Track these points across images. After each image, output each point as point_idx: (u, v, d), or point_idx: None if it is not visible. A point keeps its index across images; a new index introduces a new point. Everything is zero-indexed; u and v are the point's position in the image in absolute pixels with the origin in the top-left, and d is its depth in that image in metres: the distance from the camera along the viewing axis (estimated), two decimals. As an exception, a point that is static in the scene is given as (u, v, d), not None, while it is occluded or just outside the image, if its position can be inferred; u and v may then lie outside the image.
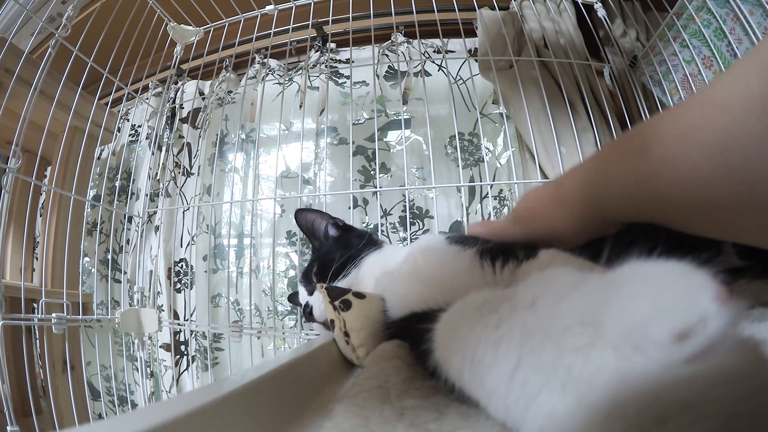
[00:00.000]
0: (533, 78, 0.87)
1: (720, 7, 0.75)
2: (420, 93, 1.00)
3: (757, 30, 0.69)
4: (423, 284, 0.32)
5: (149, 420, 0.11)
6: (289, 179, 1.09)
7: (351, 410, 0.16)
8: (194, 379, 1.02)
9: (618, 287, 0.10)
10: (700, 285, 0.09)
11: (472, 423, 0.14)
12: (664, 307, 0.09)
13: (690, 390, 0.08)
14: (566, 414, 0.09)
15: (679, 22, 0.84)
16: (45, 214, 0.99)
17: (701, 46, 0.80)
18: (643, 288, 0.10)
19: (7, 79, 0.76)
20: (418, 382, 0.20)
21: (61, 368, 0.83)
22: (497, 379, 0.11)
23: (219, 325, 0.97)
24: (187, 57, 1.12)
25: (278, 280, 1.03)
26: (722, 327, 0.09)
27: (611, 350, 0.09)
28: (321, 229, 0.52)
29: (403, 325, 0.30)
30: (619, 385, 0.09)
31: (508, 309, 0.12)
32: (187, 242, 1.06)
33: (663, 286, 0.10)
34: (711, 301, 0.09)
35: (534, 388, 0.10)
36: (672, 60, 0.88)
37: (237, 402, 0.15)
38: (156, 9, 1.02)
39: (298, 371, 0.23)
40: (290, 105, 1.11)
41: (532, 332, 0.11)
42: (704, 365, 0.09)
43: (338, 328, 0.32)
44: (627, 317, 0.09)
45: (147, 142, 1.16)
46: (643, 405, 0.08)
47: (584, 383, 0.09)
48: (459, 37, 0.99)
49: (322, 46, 1.10)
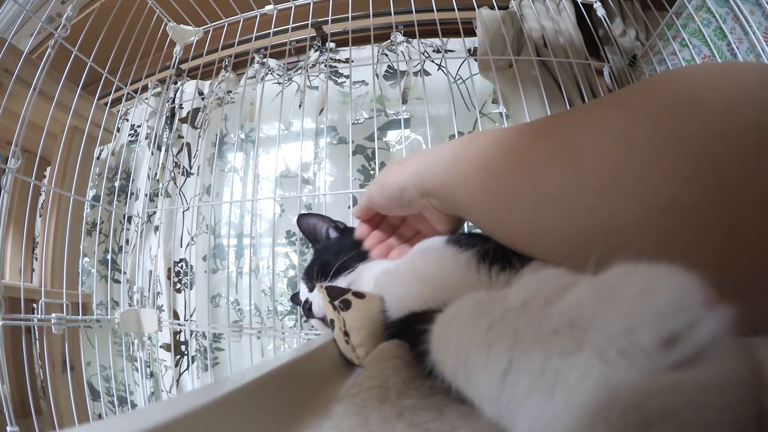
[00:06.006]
0: (533, 77, 0.87)
1: (720, 7, 0.75)
2: (419, 92, 1.00)
3: (758, 30, 0.69)
4: (422, 284, 0.32)
5: (149, 420, 0.11)
6: (289, 179, 1.09)
7: (350, 410, 0.16)
8: (194, 379, 1.02)
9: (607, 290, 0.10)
10: (689, 289, 0.09)
11: (471, 422, 0.14)
12: (651, 312, 0.09)
13: (675, 397, 0.08)
14: (553, 417, 0.09)
15: (679, 21, 0.84)
16: (44, 214, 0.99)
17: (701, 45, 0.80)
18: (632, 291, 0.10)
19: (6, 79, 0.76)
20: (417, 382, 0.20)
21: (60, 368, 0.83)
22: (489, 381, 0.11)
23: (219, 325, 0.97)
24: (187, 57, 1.12)
25: (278, 280, 1.03)
26: (711, 333, 0.09)
27: (597, 355, 0.09)
28: (322, 232, 0.53)
29: (402, 325, 0.31)
30: (604, 390, 0.09)
31: (500, 311, 0.12)
32: (187, 242, 1.06)
33: (651, 290, 0.09)
34: (700, 306, 0.09)
35: (523, 391, 0.10)
36: (672, 59, 0.88)
37: (237, 402, 0.15)
38: (155, 9, 1.02)
39: (298, 371, 0.23)
40: (290, 105, 1.11)
41: (522, 335, 0.11)
42: (691, 372, 0.08)
43: (338, 328, 0.32)
44: (614, 321, 0.09)
45: (146, 142, 1.16)
46: (627, 411, 0.08)
47: (571, 387, 0.09)
48: (458, 37, 0.99)
49: (321, 45, 1.10)
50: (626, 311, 0.09)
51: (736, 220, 0.14)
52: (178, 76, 1.20)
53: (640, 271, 0.10)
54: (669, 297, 0.09)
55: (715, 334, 0.09)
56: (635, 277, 0.10)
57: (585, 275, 0.12)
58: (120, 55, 0.93)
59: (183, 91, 1.21)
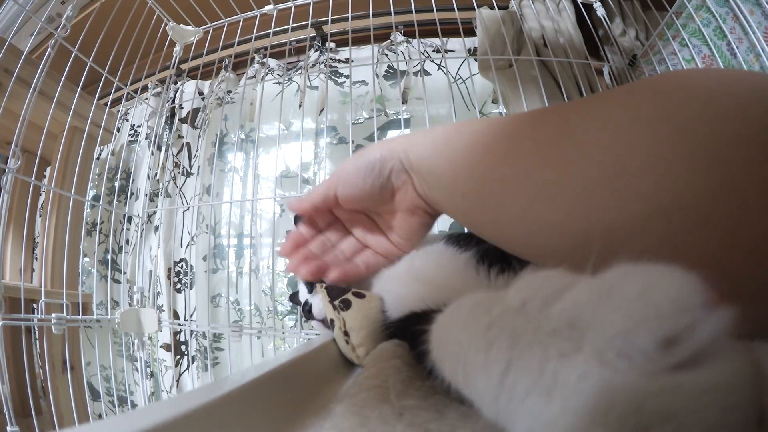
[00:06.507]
0: (533, 77, 0.87)
1: (719, 6, 0.75)
2: (419, 92, 1.00)
3: (757, 30, 0.69)
4: (421, 284, 0.32)
5: (149, 420, 0.11)
6: (289, 179, 1.09)
7: (350, 410, 0.16)
8: (194, 379, 1.02)
9: (606, 291, 0.10)
10: (688, 290, 0.09)
11: (471, 423, 0.14)
12: (650, 313, 0.09)
13: (674, 399, 0.08)
14: (551, 419, 0.09)
15: (679, 21, 0.84)
16: (44, 214, 0.99)
17: (701, 45, 0.80)
18: (630, 292, 0.10)
19: (6, 79, 0.76)
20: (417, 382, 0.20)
21: (60, 368, 0.83)
22: (488, 382, 0.11)
23: (219, 325, 0.97)
24: (187, 57, 1.12)
25: (278, 280, 1.03)
26: (710, 334, 0.09)
27: (596, 356, 0.09)
28: None
29: (402, 324, 0.31)
30: (603, 392, 0.08)
31: (499, 311, 0.12)
32: (187, 242, 1.06)
33: (650, 291, 0.09)
34: (699, 307, 0.09)
35: (522, 392, 0.10)
36: (672, 59, 0.88)
37: (237, 402, 0.15)
38: (155, 9, 1.02)
39: (298, 371, 0.23)
40: (289, 105, 1.11)
41: (521, 336, 0.11)
42: (691, 373, 0.08)
43: (338, 328, 0.32)
44: (612, 322, 0.09)
45: (146, 142, 1.16)
46: (625, 413, 0.08)
47: (569, 389, 0.09)
48: (458, 37, 0.99)
49: (321, 45, 1.10)
50: (625, 312, 0.09)
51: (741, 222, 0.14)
52: (178, 76, 1.20)
53: (639, 271, 0.10)
54: (668, 298, 0.09)
55: (715, 336, 0.09)
56: (634, 278, 0.10)
57: (584, 276, 0.12)
58: (120, 55, 0.93)
59: (183, 91, 1.21)
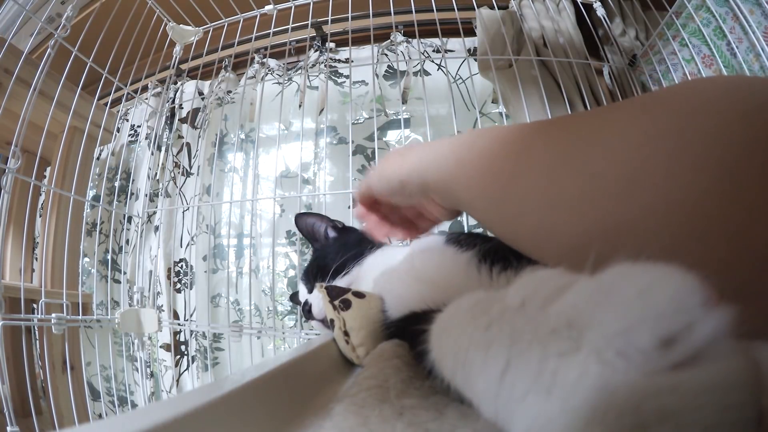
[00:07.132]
0: (532, 77, 0.87)
1: (719, 6, 0.75)
2: (419, 92, 1.00)
3: (757, 30, 0.69)
4: (421, 284, 0.32)
5: (149, 420, 0.11)
6: (289, 179, 1.09)
7: (350, 410, 0.16)
8: (194, 379, 1.02)
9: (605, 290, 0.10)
10: (687, 290, 0.09)
11: (471, 422, 0.14)
12: (649, 312, 0.09)
13: (672, 398, 0.08)
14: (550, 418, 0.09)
15: (678, 20, 0.84)
16: (44, 214, 0.99)
17: (701, 45, 0.80)
18: (630, 291, 0.10)
19: (6, 79, 0.76)
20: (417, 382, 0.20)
21: (60, 368, 0.83)
22: (487, 382, 0.11)
23: (219, 325, 0.97)
24: (187, 57, 1.12)
25: (278, 279, 1.03)
26: (709, 333, 0.09)
27: (595, 355, 0.09)
28: (321, 231, 0.52)
29: (402, 324, 0.31)
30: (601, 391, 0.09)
31: (499, 311, 0.12)
32: (187, 242, 1.06)
33: (649, 290, 0.09)
34: (698, 307, 0.09)
35: (521, 391, 0.10)
36: (671, 59, 0.88)
37: (237, 402, 0.15)
38: (155, 9, 1.02)
39: (298, 371, 0.23)
40: (289, 105, 1.11)
41: (520, 335, 0.11)
42: (689, 373, 0.08)
43: (338, 328, 0.32)
44: (611, 322, 0.09)
45: (146, 142, 1.16)
46: (624, 412, 0.08)
47: (568, 388, 0.09)
48: (458, 37, 0.99)
49: (321, 45, 1.10)
50: (624, 311, 0.09)
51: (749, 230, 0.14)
52: (178, 76, 1.20)
53: (638, 270, 0.10)
54: (667, 297, 0.09)
55: (714, 335, 0.09)
56: (633, 277, 0.10)
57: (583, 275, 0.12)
58: (120, 55, 0.93)
59: (183, 91, 1.21)
